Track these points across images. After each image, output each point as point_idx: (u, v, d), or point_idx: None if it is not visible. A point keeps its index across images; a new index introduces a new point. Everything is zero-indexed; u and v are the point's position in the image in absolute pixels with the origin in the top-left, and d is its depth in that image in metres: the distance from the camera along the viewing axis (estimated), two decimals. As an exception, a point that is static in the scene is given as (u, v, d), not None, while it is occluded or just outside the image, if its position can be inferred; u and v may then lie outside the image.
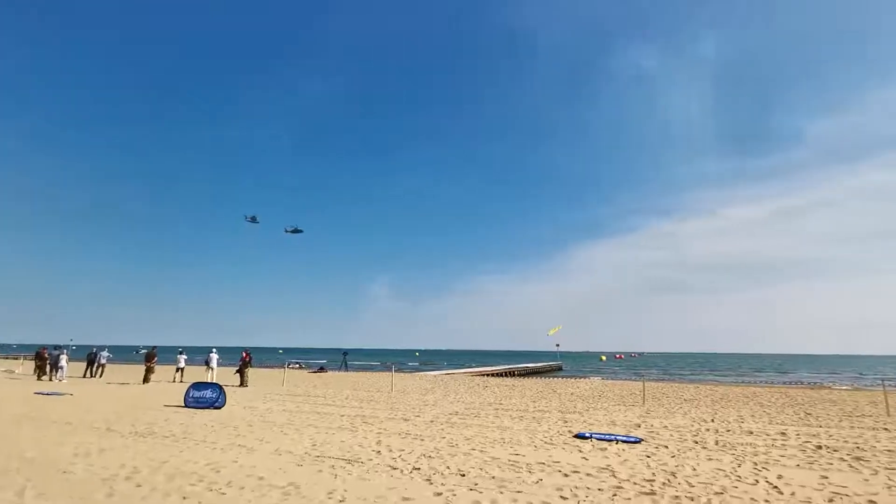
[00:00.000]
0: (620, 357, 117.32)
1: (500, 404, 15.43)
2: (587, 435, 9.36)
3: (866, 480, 6.25)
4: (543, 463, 7.08)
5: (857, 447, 8.52)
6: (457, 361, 77.52)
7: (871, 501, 5.33)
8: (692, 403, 16.54)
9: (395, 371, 27.62)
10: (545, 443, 8.71)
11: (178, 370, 23.72)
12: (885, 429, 10.75)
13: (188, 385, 14.53)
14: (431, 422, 11.25)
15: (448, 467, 6.78)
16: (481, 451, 7.95)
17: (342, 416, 12.03)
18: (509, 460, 7.25)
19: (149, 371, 22.04)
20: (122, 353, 68.83)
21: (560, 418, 12.13)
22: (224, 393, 13.42)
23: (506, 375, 41.31)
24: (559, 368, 58.94)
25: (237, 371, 22.03)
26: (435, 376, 33.44)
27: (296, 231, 69.74)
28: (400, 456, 7.51)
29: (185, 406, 13.17)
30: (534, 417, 12.21)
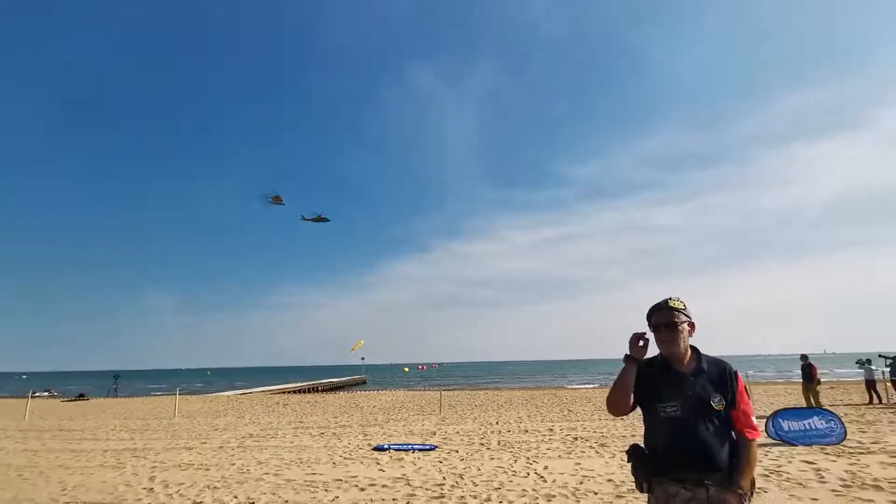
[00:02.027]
0: (422, 368, 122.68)
1: (301, 422, 14.83)
2: (386, 447, 9.56)
3: (606, 463, 7.60)
4: (341, 479, 7.00)
5: (602, 436, 10.34)
6: (255, 380, 71.93)
7: (609, 480, 6.50)
8: (481, 409, 18.15)
9: (180, 394, 24.46)
10: (344, 458, 8.63)
11: None
12: (622, 419, 13.27)
13: None
14: (220, 448, 10.25)
15: (236, 497, 6.24)
16: (276, 474, 7.51)
17: (105, 451, 10.17)
18: (305, 481, 6.99)
19: None
20: None
21: (361, 432, 12.16)
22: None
23: (308, 392, 39.85)
24: (363, 382, 59.15)
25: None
26: (229, 397, 30.56)
27: (320, 219, 51.91)
28: (178, 491, 6.64)
29: None
30: (334, 433, 12.02)
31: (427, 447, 9.46)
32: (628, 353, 2.23)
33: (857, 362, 17.90)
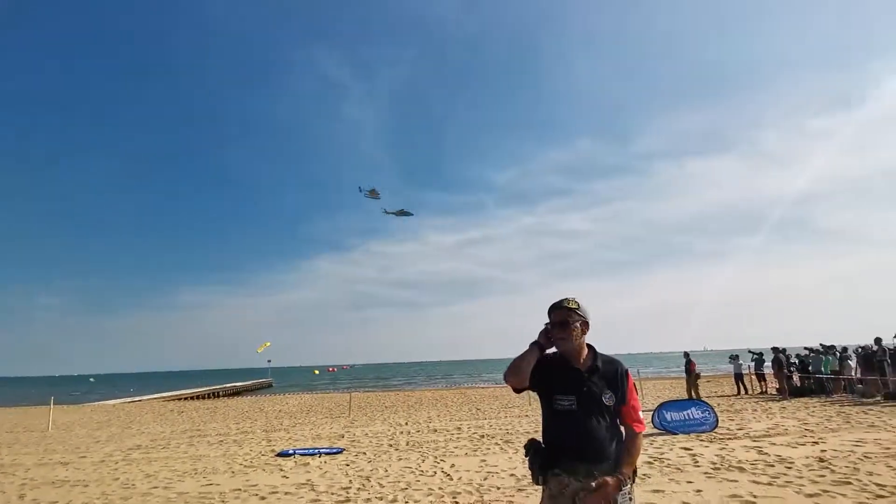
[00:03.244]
0: (333, 370, 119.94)
1: (198, 430, 13.91)
2: (290, 452, 9.22)
3: (510, 458, 7.89)
4: (240, 489, 6.65)
5: (508, 432, 10.72)
6: (148, 386, 66.20)
7: (512, 475, 6.75)
8: (392, 410, 18.11)
9: (56, 403, 21.92)
10: (245, 466, 8.21)
11: None
12: (527, 416, 13.85)
13: None
14: (102, 462, 9.34)
15: (119, 514, 5.72)
16: (166, 487, 6.97)
17: (-42, 471, 8.88)
18: (200, 493, 6.55)
19: None
20: None
21: (264, 438, 11.64)
22: None
23: (208, 397, 37.47)
24: (269, 385, 56.68)
25: None
26: (115, 406, 27.91)
27: (402, 213, 49.87)
28: (49, 511, 5.97)
29: None
30: (235, 440, 11.39)
31: (334, 450, 9.26)
32: (536, 339, 2.37)
33: (729, 358, 20.06)
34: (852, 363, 15.84)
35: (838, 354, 16.57)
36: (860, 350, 16.10)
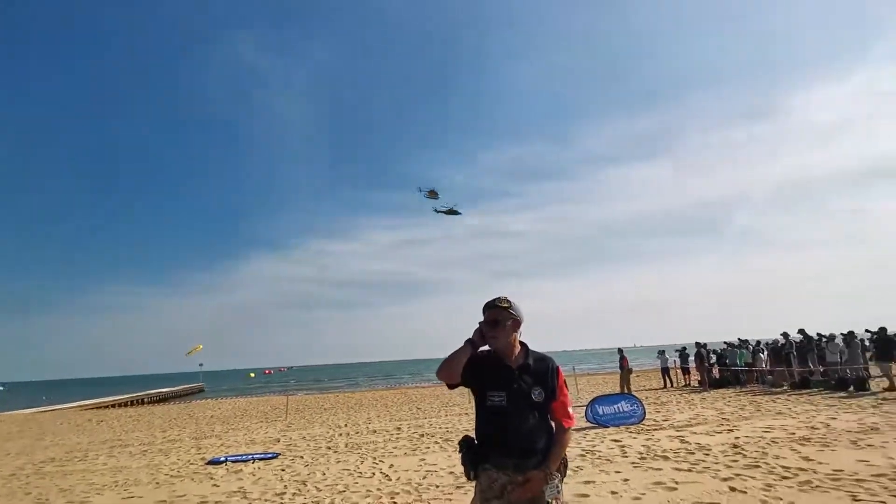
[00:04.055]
0: (270, 372, 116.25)
1: (119, 440, 13.06)
2: (222, 459, 8.85)
3: (450, 456, 7.96)
4: (165, 501, 6.30)
5: (447, 431, 10.81)
6: (65, 393, 61.19)
7: (451, 472, 6.82)
8: (331, 412, 17.79)
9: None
10: (171, 476, 7.79)
11: None
12: (467, 414, 14.02)
13: None
14: (12, 476, 8.60)
15: (26, 533, 5.27)
16: (82, 501, 6.50)
17: None
18: (121, 506, 6.17)
19: None
20: None
21: (194, 445, 11.10)
22: None
23: (132, 405, 35.24)
24: (201, 390, 54.11)
25: None
26: (26, 416, 25.65)
27: (452, 212, 47.94)
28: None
29: None
30: (161, 450, 10.79)
31: (269, 455, 8.97)
32: (471, 337, 2.41)
33: (657, 353, 21.22)
34: (763, 356, 17.22)
35: (751, 348, 17.96)
36: (770, 344, 17.56)
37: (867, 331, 14.47)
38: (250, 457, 8.93)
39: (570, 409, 2.45)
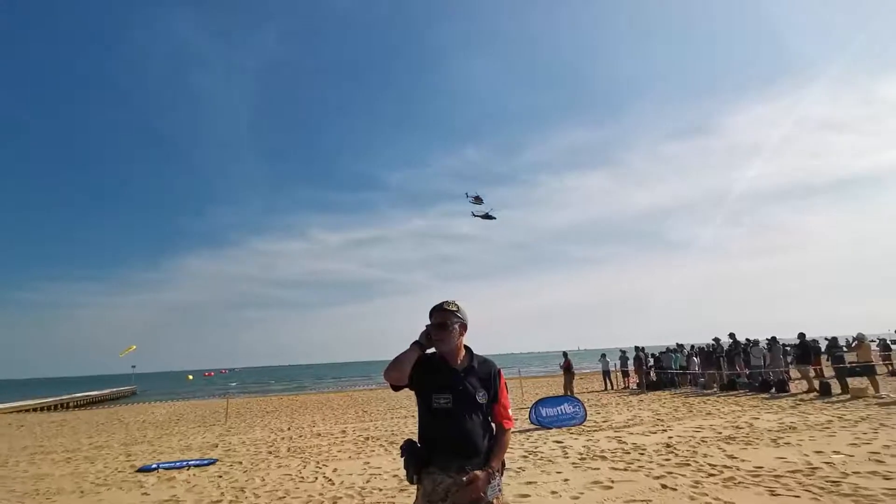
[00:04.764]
0: (210, 375, 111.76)
1: (41, 447, 12.17)
2: (153, 466, 8.41)
3: (394, 459, 7.91)
4: (89, 511, 5.94)
5: (393, 434, 10.75)
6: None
7: (395, 475, 6.78)
8: (273, 415, 17.29)
9: None
10: (97, 485, 7.33)
11: None
12: (412, 416, 13.98)
13: None
14: None
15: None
16: (-6, 515, 6.02)
17: None
18: (38, 518, 5.75)
19: None
20: None
21: (123, 452, 10.50)
22: None
23: (57, 409, 32.89)
24: (133, 393, 51.26)
25: None
26: (-73, 423, 23.39)
27: (487, 217, 47.41)
28: None
29: None
30: (86, 457, 10.13)
31: (205, 462, 8.60)
32: (417, 339, 2.43)
33: (599, 357, 21.96)
34: (696, 360, 18.18)
35: (686, 352, 18.92)
36: (704, 348, 18.57)
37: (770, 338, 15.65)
38: (185, 463, 8.53)
39: (510, 412, 2.52)
